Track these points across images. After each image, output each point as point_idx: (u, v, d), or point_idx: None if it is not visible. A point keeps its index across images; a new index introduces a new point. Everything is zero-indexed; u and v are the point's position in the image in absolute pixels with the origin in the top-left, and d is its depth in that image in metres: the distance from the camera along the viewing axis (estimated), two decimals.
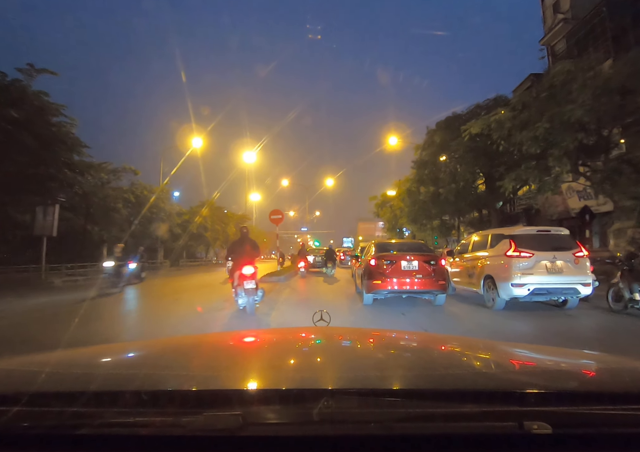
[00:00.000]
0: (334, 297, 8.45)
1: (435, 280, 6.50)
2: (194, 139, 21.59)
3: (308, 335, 1.48)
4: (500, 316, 5.85)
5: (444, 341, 1.45)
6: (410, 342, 1.41)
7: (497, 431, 0.59)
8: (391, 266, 6.63)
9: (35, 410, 0.62)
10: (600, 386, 0.80)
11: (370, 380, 0.81)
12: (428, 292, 6.60)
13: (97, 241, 21.15)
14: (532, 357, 1.11)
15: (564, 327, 4.96)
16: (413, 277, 6.53)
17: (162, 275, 17.99)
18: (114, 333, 4.76)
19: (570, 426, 0.60)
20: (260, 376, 0.89)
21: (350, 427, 0.59)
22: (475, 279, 6.91)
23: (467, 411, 0.62)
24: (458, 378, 0.84)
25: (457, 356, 1.15)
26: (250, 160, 25.37)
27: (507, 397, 0.66)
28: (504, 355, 1.13)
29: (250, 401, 0.65)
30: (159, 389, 0.73)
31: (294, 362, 1.06)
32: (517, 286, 5.98)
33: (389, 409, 0.63)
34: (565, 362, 1.06)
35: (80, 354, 1.19)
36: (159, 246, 25.33)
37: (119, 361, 1.07)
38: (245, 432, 0.57)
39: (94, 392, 0.67)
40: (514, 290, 6.01)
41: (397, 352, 1.21)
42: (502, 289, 6.12)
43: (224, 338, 1.65)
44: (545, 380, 0.84)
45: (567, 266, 6.04)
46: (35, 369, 0.92)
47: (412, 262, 6.68)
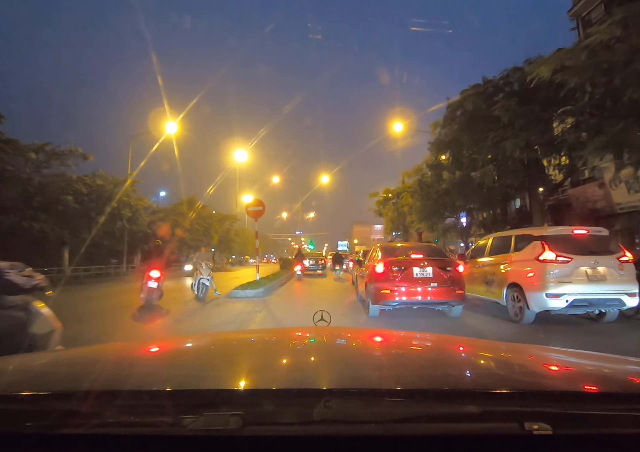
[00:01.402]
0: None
1: (452, 289, 5.88)
2: (168, 124, 19.35)
3: (308, 335, 1.51)
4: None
5: (444, 341, 1.50)
6: (411, 342, 1.43)
7: (498, 432, 0.61)
8: (401, 273, 5.97)
9: (35, 409, 0.65)
10: (601, 386, 0.80)
11: (370, 380, 0.85)
12: (444, 303, 5.99)
13: (56, 242, 19.02)
14: (533, 358, 1.12)
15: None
16: (427, 285, 5.90)
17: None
18: None
19: (571, 427, 0.62)
20: (260, 375, 0.91)
21: (350, 427, 0.62)
22: (496, 287, 6.29)
23: (468, 411, 0.64)
24: (458, 378, 0.87)
25: (458, 356, 1.20)
26: (242, 159, 23.95)
27: (507, 398, 0.68)
28: (504, 355, 1.15)
29: (251, 401, 0.67)
30: (159, 389, 0.77)
31: (294, 362, 1.08)
32: (553, 297, 5.30)
33: (389, 409, 0.65)
34: (566, 363, 1.07)
35: (80, 354, 1.24)
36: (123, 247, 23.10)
37: (118, 361, 1.09)
38: (245, 432, 0.60)
39: (94, 392, 0.69)
40: (549, 301, 5.33)
41: (398, 352, 1.24)
42: (534, 300, 5.44)
43: (224, 338, 1.70)
44: (545, 380, 0.88)
45: (610, 273, 5.38)
46: (35, 369, 0.97)
47: (426, 268, 6.01)
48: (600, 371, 0.97)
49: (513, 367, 1.02)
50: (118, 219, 21.09)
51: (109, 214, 18.83)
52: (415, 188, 19.10)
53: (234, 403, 0.66)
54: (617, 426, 0.63)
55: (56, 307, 2.71)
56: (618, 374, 0.93)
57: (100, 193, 20.11)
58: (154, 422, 0.64)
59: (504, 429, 0.61)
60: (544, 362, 1.08)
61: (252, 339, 1.53)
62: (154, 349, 1.30)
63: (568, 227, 6.15)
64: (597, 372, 0.95)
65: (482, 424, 0.62)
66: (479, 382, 0.86)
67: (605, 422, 0.63)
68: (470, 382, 0.85)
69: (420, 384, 0.82)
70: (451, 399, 0.68)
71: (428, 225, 20.11)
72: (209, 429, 0.60)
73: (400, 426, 0.62)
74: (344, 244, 65.13)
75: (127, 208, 21.55)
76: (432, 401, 0.67)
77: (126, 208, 21.35)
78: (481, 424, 0.62)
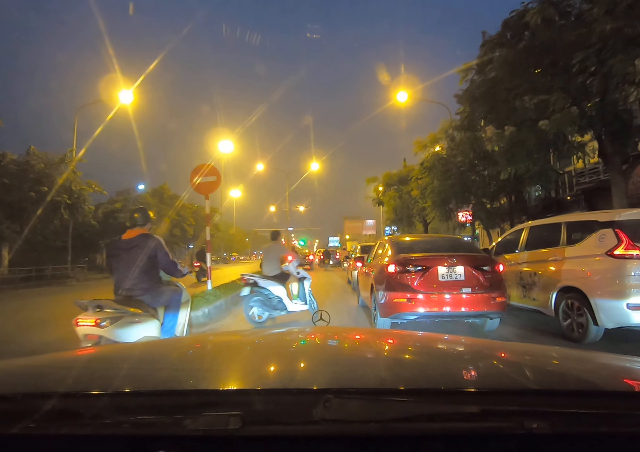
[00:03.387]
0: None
1: (490, 296, 4.63)
2: (122, 93, 16.46)
3: (308, 335, 1.60)
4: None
5: (444, 341, 1.57)
6: (411, 342, 1.47)
7: (497, 431, 0.64)
8: (422, 275, 4.67)
9: (34, 410, 0.65)
10: (601, 385, 0.85)
11: (370, 379, 0.88)
12: (481, 315, 4.79)
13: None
14: (532, 357, 1.15)
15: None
16: (458, 291, 4.62)
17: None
18: None
19: (570, 426, 0.65)
20: (259, 375, 0.96)
21: (350, 427, 0.64)
22: (539, 292, 5.19)
23: (467, 410, 0.67)
24: (458, 378, 0.93)
25: (457, 355, 1.25)
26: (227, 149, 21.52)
27: (507, 397, 0.72)
28: (504, 355, 1.20)
29: (250, 401, 0.69)
30: (159, 389, 0.80)
31: (293, 361, 1.12)
32: (637, 308, 3.88)
33: (389, 408, 0.68)
34: (566, 362, 1.10)
35: (78, 355, 1.33)
36: (67, 244, 20.29)
37: (118, 361, 1.15)
38: (245, 432, 0.62)
39: (93, 392, 0.74)
40: (631, 315, 3.91)
41: (398, 352, 1.30)
42: (606, 311, 4.15)
43: (223, 338, 1.78)
44: (545, 379, 0.92)
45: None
46: (34, 370, 1.01)
47: (455, 268, 4.70)
48: (601, 370, 0.99)
49: (513, 366, 1.06)
50: (57, 209, 18.32)
51: (48, 202, 16.18)
52: (433, 162, 15.40)
53: (234, 403, 0.69)
54: (617, 425, 0.65)
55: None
56: (618, 374, 0.97)
57: (26, 175, 17.25)
58: (153, 423, 0.66)
59: (503, 429, 0.64)
60: (543, 361, 1.11)
61: (252, 339, 1.60)
62: (153, 349, 1.38)
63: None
64: (597, 372, 0.97)
65: (481, 423, 0.65)
66: (478, 382, 0.91)
67: (605, 421, 0.66)
68: (470, 382, 0.90)
69: (420, 383, 0.85)
70: (451, 399, 0.71)
71: (444, 212, 16.61)
72: (209, 429, 0.63)
73: (400, 425, 0.64)
74: (335, 240, 68.99)
75: (67, 193, 18.20)
76: (431, 401, 0.69)
77: (65, 194, 18.02)
78: (481, 424, 0.65)
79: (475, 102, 10.63)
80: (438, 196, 15.22)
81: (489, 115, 10.65)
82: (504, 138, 9.83)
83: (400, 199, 23.46)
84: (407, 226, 24.57)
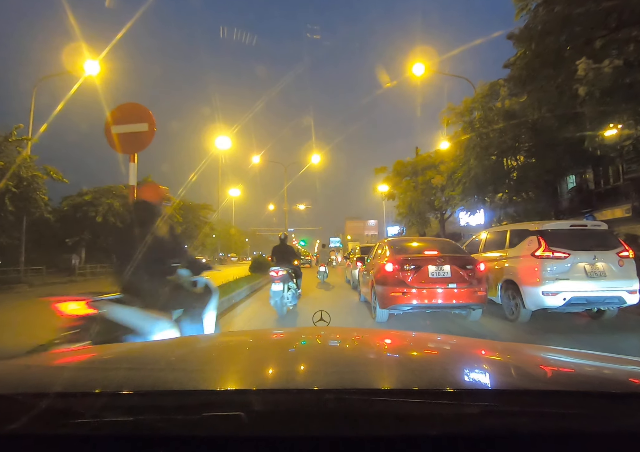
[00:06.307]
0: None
1: (473, 290, 5.83)
2: (87, 63, 14.49)
3: (308, 335, 1.67)
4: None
5: (444, 341, 1.66)
6: (411, 342, 1.58)
7: (497, 431, 0.69)
8: (415, 272, 5.88)
9: (34, 410, 0.69)
10: (601, 385, 0.88)
11: (370, 380, 0.95)
12: (464, 307, 6.04)
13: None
14: (531, 357, 1.25)
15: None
16: (445, 286, 5.80)
17: None
18: None
19: (570, 426, 0.70)
20: (259, 375, 1.02)
21: (350, 427, 0.69)
22: (491, 284, 6.70)
23: (467, 411, 0.72)
24: (458, 378, 1.00)
25: (457, 355, 1.32)
26: (225, 146, 22.48)
27: (506, 397, 0.78)
28: (503, 355, 1.30)
29: (250, 401, 0.73)
30: (159, 389, 0.84)
31: (294, 362, 1.20)
32: (550, 295, 5.47)
33: (389, 409, 0.72)
34: (565, 362, 1.19)
35: (78, 355, 1.42)
36: (21, 241, 18.47)
37: (118, 361, 1.23)
38: (246, 433, 0.67)
39: (93, 392, 0.80)
40: (545, 299, 5.49)
41: (398, 352, 1.38)
42: (529, 297, 5.68)
43: (223, 338, 1.93)
44: (544, 380, 0.97)
45: (610, 269, 5.58)
46: (34, 369, 1.06)
47: (443, 266, 5.91)
48: (600, 370, 1.08)
49: (512, 366, 1.14)
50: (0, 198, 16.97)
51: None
52: (467, 133, 12.26)
53: (234, 403, 0.72)
54: (617, 425, 0.71)
55: None
56: (617, 374, 1.04)
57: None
58: (153, 423, 0.70)
59: (503, 429, 0.69)
60: (542, 361, 1.21)
61: (252, 339, 1.68)
62: (153, 349, 1.46)
63: (565, 221, 6.84)
64: (596, 372, 1.06)
65: (481, 423, 0.69)
66: (478, 382, 0.97)
67: (605, 421, 0.71)
68: (469, 382, 0.96)
69: (420, 383, 0.89)
70: (451, 399, 0.75)
71: (473, 203, 13.96)
72: (209, 429, 0.68)
73: (400, 425, 0.68)
74: (337, 240, 73.86)
75: (13, 180, 16.21)
76: (432, 401, 0.73)
77: (10, 181, 16.01)
78: (480, 424, 0.69)
79: (547, 37, 7.60)
80: (473, 181, 12.20)
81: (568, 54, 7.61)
82: (605, 77, 6.82)
83: (416, 190, 20.76)
84: (419, 223, 21.77)
